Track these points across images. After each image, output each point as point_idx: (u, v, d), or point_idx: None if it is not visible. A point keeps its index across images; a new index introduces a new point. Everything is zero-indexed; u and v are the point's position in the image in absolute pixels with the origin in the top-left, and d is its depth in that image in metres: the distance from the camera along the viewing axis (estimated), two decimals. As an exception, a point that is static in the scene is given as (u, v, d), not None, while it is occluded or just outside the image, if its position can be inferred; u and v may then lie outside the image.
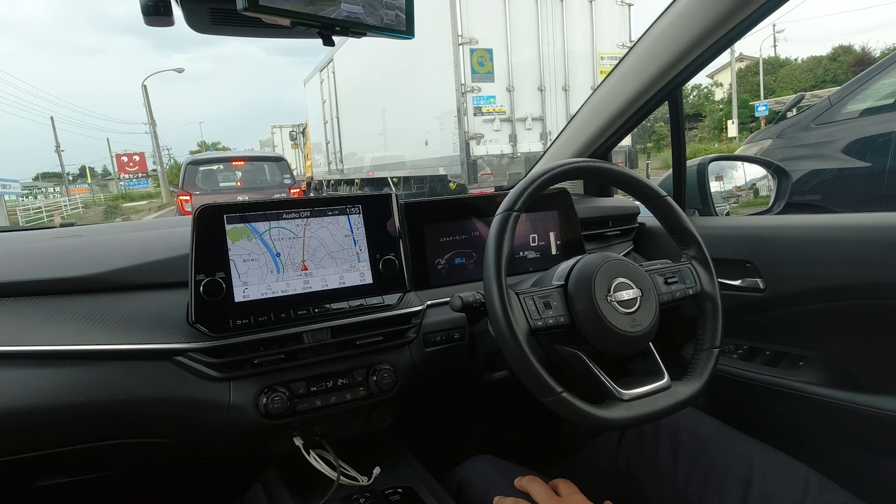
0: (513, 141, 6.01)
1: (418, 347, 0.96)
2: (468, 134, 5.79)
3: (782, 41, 39.29)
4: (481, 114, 5.78)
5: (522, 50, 5.78)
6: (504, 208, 0.76)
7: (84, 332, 0.79)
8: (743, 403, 1.07)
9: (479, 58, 5.58)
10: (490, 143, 5.89)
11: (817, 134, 2.92)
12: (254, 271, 0.84)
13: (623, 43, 6.29)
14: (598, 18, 6.06)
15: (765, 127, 4.29)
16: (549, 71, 5.99)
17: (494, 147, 5.93)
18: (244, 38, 0.79)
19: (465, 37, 5.49)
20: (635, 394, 0.73)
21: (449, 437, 1.36)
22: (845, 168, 2.80)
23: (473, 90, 5.68)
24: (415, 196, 5.67)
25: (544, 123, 6.12)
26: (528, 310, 0.73)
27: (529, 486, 0.77)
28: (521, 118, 6.00)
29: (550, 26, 5.87)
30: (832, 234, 0.93)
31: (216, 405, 0.82)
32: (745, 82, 29.87)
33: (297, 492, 0.91)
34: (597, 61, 6.19)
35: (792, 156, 2.98)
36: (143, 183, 29.35)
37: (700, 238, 0.85)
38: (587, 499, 0.73)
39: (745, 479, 0.75)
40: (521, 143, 6.05)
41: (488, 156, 5.96)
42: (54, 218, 18.99)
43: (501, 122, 5.91)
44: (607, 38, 6.17)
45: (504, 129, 5.95)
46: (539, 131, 6.11)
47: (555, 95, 6.07)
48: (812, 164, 2.90)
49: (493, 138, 5.90)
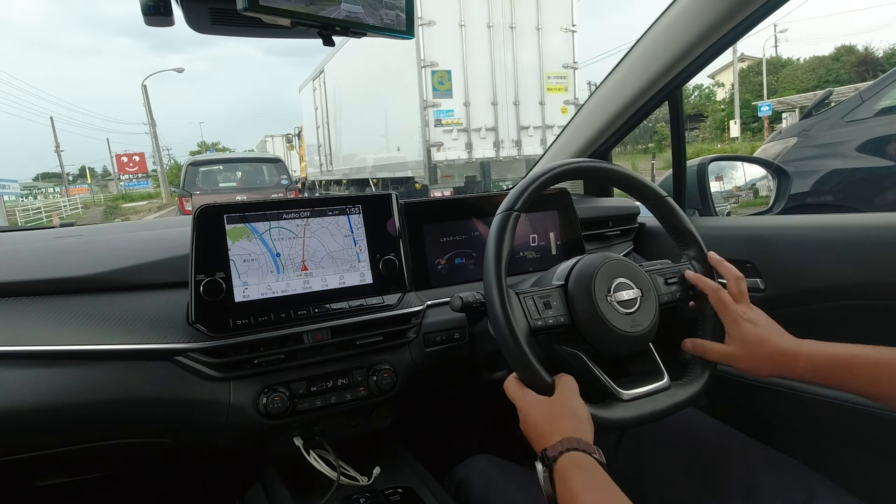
0: (469, 148, 6.98)
1: (418, 347, 0.96)
2: (430, 142, 6.79)
3: (784, 41, 39.30)
4: (441, 125, 6.79)
5: (478, 70, 6.78)
6: (504, 208, 0.76)
7: (84, 332, 0.79)
8: (743, 403, 1.07)
9: (439, 78, 6.64)
10: (449, 150, 6.87)
11: (847, 131, 2.73)
12: (254, 271, 0.84)
13: (567, 63, 7.26)
14: (544, 43, 7.01)
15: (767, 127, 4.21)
16: (501, 88, 6.97)
17: (452, 153, 6.90)
18: (243, 39, 0.79)
19: (426, 60, 6.54)
20: (635, 394, 0.73)
21: (449, 437, 1.36)
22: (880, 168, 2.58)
23: (434, 105, 6.70)
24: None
25: (497, 133, 7.06)
26: (528, 310, 0.73)
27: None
28: (476, 129, 6.97)
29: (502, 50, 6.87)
30: (832, 234, 0.93)
31: (216, 405, 0.82)
32: (747, 82, 29.87)
33: (297, 492, 0.91)
34: (544, 79, 7.12)
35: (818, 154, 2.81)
36: (143, 183, 29.34)
37: (700, 238, 0.85)
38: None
39: (748, 482, 0.75)
40: (476, 150, 7.00)
41: (447, 161, 6.90)
42: (53, 219, 18.99)
43: (459, 132, 6.90)
44: (553, 60, 7.13)
45: (461, 138, 6.93)
46: (492, 140, 7.06)
47: (506, 109, 7.07)
48: (840, 164, 2.71)
49: (451, 146, 6.88)
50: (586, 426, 0.64)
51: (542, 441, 0.63)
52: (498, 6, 6.76)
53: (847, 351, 0.67)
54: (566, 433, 0.61)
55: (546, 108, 7.28)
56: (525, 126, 7.24)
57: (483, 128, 6.99)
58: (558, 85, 7.26)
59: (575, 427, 0.62)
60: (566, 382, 0.68)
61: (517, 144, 7.24)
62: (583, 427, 0.63)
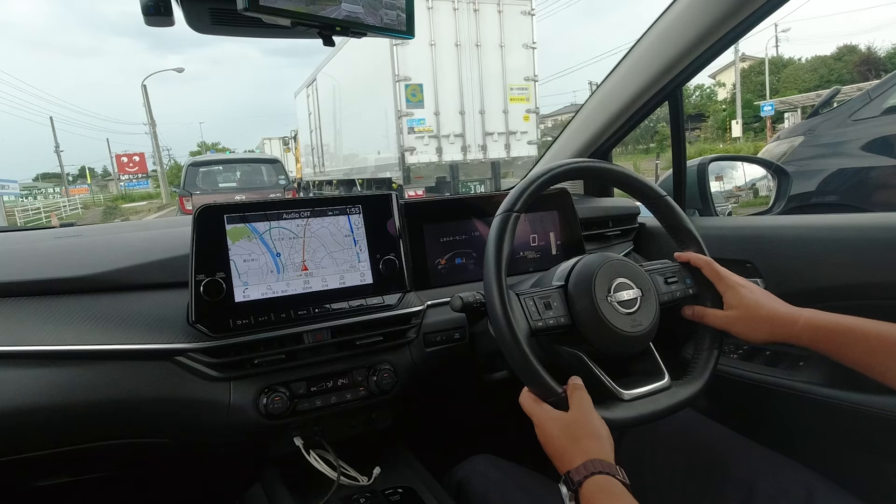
0: (439, 152, 7.83)
1: (418, 347, 0.96)
2: (404, 147, 7.64)
3: (785, 41, 39.27)
4: (414, 132, 7.64)
5: (447, 83, 7.67)
6: (504, 209, 0.76)
7: (84, 332, 0.79)
8: (743, 403, 1.07)
9: (412, 91, 7.51)
10: (421, 154, 7.73)
11: (853, 130, 2.71)
12: (254, 271, 0.84)
13: (528, 76, 8.10)
14: (507, 59, 7.87)
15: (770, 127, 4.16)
16: (468, 99, 7.86)
17: (424, 157, 7.76)
18: (242, 39, 0.79)
19: (400, 75, 7.42)
20: (636, 394, 0.73)
21: (449, 437, 1.36)
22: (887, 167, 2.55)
23: (408, 115, 7.55)
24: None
25: (464, 138, 7.94)
26: (528, 310, 0.73)
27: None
28: (446, 135, 7.82)
29: (469, 65, 7.74)
30: (832, 234, 0.93)
31: (216, 405, 0.82)
32: (748, 82, 29.84)
33: (297, 492, 0.91)
34: (507, 91, 7.99)
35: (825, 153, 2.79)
36: (143, 184, 29.32)
37: (700, 238, 0.85)
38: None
39: (748, 483, 0.74)
40: (445, 154, 7.87)
41: (419, 163, 7.77)
42: (51, 219, 18.94)
43: (430, 139, 7.76)
44: (515, 73, 7.99)
45: (432, 143, 7.79)
46: (460, 145, 7.94)
47: (473, 117, 7.95)
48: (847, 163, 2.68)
49: (423, 150, 7.74)
50: (607, 445, 0.63)
51: (564, 461, 0.62)
52: (465, 27, 7.64)
53: (846, 320, 0.68)
54: (589, 454, 0.61)
55: (509, 117, 8.12)
56: (490, 132, 8.08)
57: (452, 134, 7.88)
58: (520, 96, 8.13)
59: (597, 447, 0.62)
60: (581, 398, 0.67)
61: (483, 149, 8.09)
62: (604, 446, 0.63)
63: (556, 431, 0.65)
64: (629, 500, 0.57)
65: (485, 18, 7.71)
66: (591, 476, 0.58)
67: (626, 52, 1.17)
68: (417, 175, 7.84)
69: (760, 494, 0.73)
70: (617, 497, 0.57)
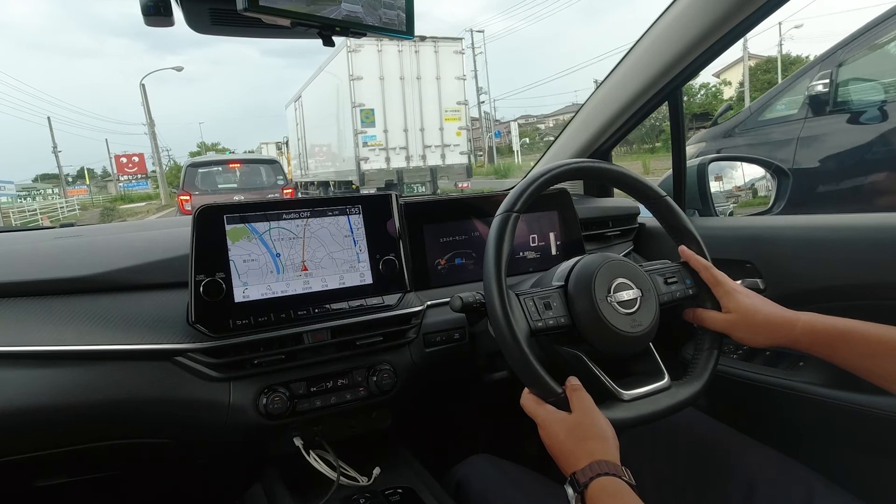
0: (387, 161, 10.23)
1: (418, 348, 0.96)
2: (359, 157, 10.04)
3: (789, 39, 39.23)
4: (367, 146, 10.08)
5: (393, 107, 10.11)
6: (504, 209, 0.76)
7: (84, 332, 0.79)
8: (743, 403, 1.07)
9: (365, 114, 9.98)
10: (373, 163, 10.14)
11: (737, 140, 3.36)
12: (254, 272, 0.84)
13: (460, 101, 10.63)
14: (442, 88, 10.34)
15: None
16: (410, 119, 10.28)
17: (375, 165, 10.16)
18: (241, 40, 0.79)
19: (356, 102, 9.89)
20: (636, 394, 0.73)
21: (449, 437, 1.36)
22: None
23: (362, 132, 10.02)
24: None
25: (407, 150, 10.37)
26: (528, 311, 0.73)
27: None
28: (392, 147, 10.24)
29: (411, 93, 10.17)
30: (832, 234, 0.93)
31: (216, 405, 0.82)
32: (754, 80, 29.70)
33: (297, 492, 0.91)
34: (442, 112, 10.43)
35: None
36: (143, 184, 29.29)
37: (700, 238, 0.85)
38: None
39: (748, 483, 0.74)
40: (392, 162, 10.25)
41: (372, 169, 10.12)
42: (43, 221, 18.86)
43: (380, 150, 10.20)
44: (449, 97, 10.47)
45: (381, 154, 10.21)
46: (404, 155, 10.35)
47: (414, 133, 10.40)
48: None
49: (374, 160, 10.15)
50: (612, 445, 0.63)
51: (569, 462, 0.62)
52: (408, 64, 10.04)
53: (845, 323, 0.69)
54: (595, 455, 0.61)
55: (444, 133, 10.51)
56: (428, 145, 10.45)
57: (397, 147, 10.27)
58: (453, 116, 10.57)
59: (603, 449, 0.62)
60: (583, 398, 0.67)
61: (423, 158, 10.46)
62: (610, 448, 0.62)
63: (562, 433, 0.65)
64: (635, 501, 0.57)
65: (424, 58, 10.14)
66: (597, 477, 0.58)
67: (626, 52, 1.17)
68: (370, 178, 10.02)
69: (760, 494, 0.73)
70: (623, 498, 0.57)
